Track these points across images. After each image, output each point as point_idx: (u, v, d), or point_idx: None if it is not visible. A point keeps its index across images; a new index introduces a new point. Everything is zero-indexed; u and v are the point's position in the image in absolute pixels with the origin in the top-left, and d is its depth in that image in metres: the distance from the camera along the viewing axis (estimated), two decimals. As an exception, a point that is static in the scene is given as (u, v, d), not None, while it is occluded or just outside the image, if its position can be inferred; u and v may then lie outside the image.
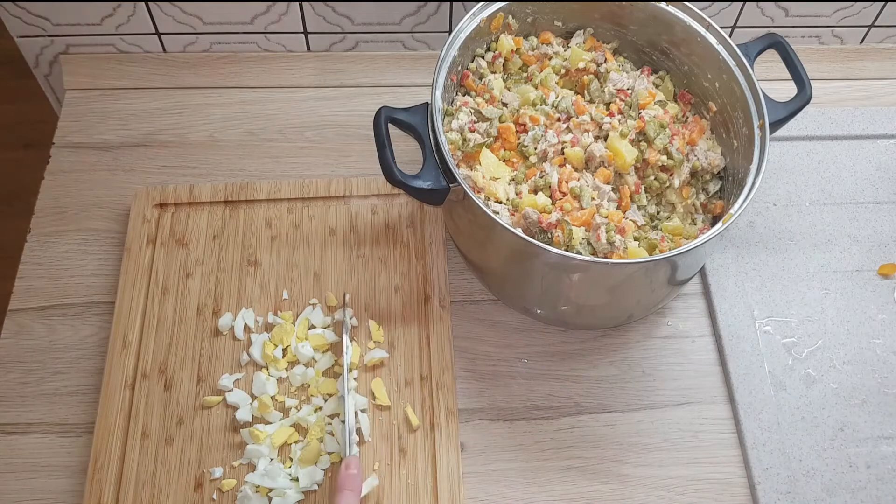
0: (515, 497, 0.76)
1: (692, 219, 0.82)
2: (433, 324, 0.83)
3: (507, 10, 0.85)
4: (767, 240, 0.92)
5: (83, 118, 0.97)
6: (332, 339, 0.81)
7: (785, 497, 0.76)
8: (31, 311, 0.84)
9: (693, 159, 0.82)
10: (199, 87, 1.01)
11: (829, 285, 0.89)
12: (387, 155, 0.74)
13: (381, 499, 0.75)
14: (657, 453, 0.79)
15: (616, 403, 0.82)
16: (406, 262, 0.87)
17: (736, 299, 0.87)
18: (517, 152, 0.82)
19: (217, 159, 0.95)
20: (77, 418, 0.79)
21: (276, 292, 0.85)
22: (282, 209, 0.90)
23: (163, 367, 0.80)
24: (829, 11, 1.03)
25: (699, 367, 0.84)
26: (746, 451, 0.79)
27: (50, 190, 0.92)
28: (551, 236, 0.75)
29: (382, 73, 1.03)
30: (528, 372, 0.83)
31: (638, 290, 0.79)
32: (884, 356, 0.85)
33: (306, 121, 0.99)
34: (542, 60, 0.88)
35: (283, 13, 0.98)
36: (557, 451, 0.79)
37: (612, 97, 0.84)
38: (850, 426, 0.81)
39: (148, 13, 0.97)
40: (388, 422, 0.78)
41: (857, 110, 1.01)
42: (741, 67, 0.80)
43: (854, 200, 0.95)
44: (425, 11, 0.99)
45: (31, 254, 0.88)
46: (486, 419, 0.80)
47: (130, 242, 0.86)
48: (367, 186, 0.91)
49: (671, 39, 0.86)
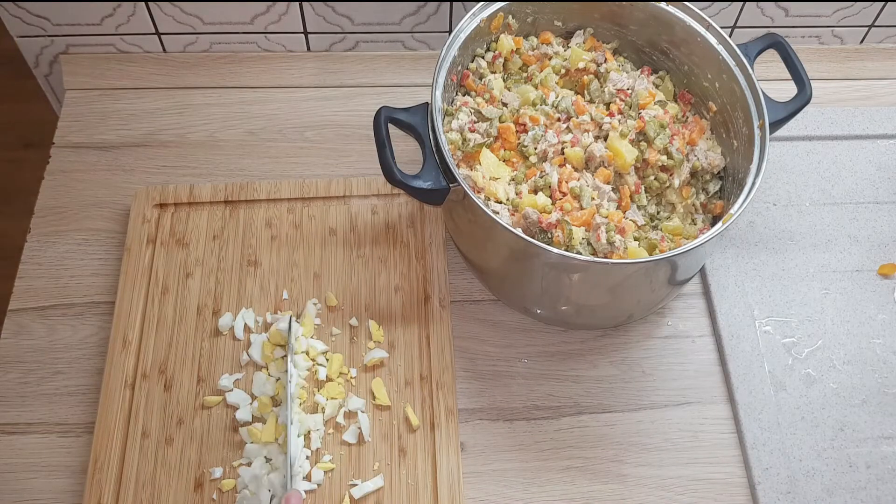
0: (515, 497, 0.76)
1: (692, 219, 0.82)
2: (433, 324, 0.83)
3: (507, 10, 0.85)
4: (767, 240, 0.92)
5: (83, 118, 0.97)
6: (321, 349, 0.81)
7: (785, 497, 0.76)
8: (31, 311, 0.84)
9: (693, 159, 0.82)
10: (199, 87, 1.01)
11: (829, 285, 0.89)
12: (387, 155, 0.74)
13: (381, 499, 0.75)
14: (657, 453, 0.79)
15: (616, 403, 0.82)
16: (406, 262, 0.87)
17: (736, 299, 0.87)
18: (517, 152, 0.82)
19: (217, 159, 0.95)
20: (77, 418, 0.79)
21: (276, 292, 0.85)
22: (282, 209, 0.90)
23: (163, 367, 0.80)
24: (829, 11, 1.03)
25: (699, 367, 0.84)
26: (746, 451, 0.79)
27: (50, 190, 0.92)
28: (551, 236, 0.75)
29: (382, 73, 1.03)
30: (528, 372, 0.83)
31: (638, 290, 0.79)
32: (884, 356, 0.85)
33: (306, 121, 0.99)
34: (542, 60, 0.88)
35: (283, 13, 0.98)
36: (557, 451, 0.79)
37: (612, 97, 0.84)
38: (850, 426, 0.81)
39: (148, 13, 0.97)
40: (388, 422, 0.78)
41: (857, 110, 1.01)
42: (741, 67, 0.80)
43: (854, 200, 0.95)
44: (425, 11, 0.99)
45: (31, 254, 0.88)
46: (486, 419, 0.80)
47: (130, 242, 0.86)
48: (367, 186, 0.91)
49: (671, 39, 0.86)
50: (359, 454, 0.77)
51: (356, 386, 0.80)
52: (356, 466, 0.76)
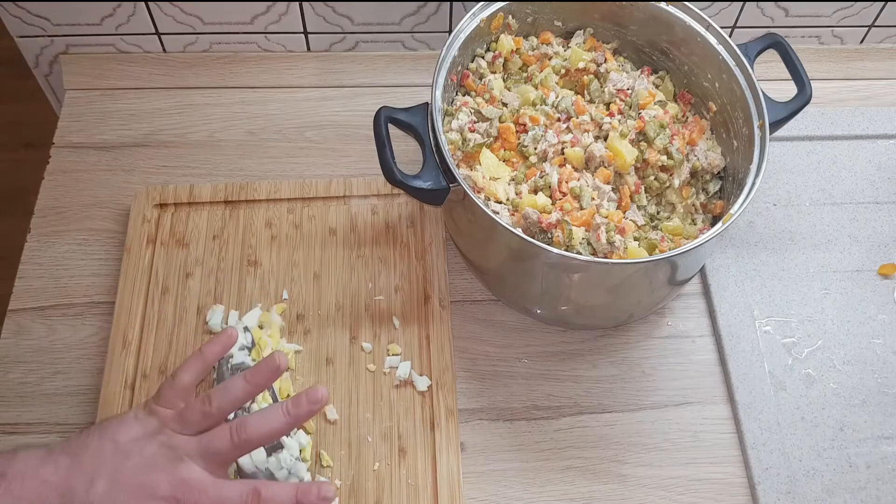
0: (515, 497, 0.76)
1: (692, 219, 0.82)
2: (433, 324, 0.83)
3: (507, 10, 0.85)
4: (767, 240, 0.92)
5: (83, 118, 0.97)
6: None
7: (785, 497, 0.76)
8: (31, 311, 0.84)
9: (693, 159, 0.82)
10: (199, 87, 1.01)
11: (829, 285, 0.89)
12: (387, 155, 0.74)
13: (381, 499, 0.75)
14: (657, 453, 0.79)
15: (616, 403, 0.82)
16: (406, 262, 0.87)
17: (736, 299, 0.87)
18: (517, 152, 0.82)
19: (217, 159, 0.95)
20: (77, 418, 0.79)
21: (276, 292, 0.85)
22: (282, 209, 0.90)
23: (163, 367, 0.80)
24: (829, 11, 1.03)
25: (699, 367, 0.84)
26: (746, 451, 0.79)
27: (50, 190, 0.92)
28: (551, 236, 0.75)
29: (382, 73, 1.03)
30: (528, 372, 0.83)
31: (638, 290, 0.79)
32: (884, 356, 0.85)
33: (306, 121, 0.99)
34: (542, 60, 0.88)
35: (283, 13, 0.98)
36: (557, 451, 0.79)
37: (612, 97, 0.84)
38: (850, 426, 0.81)
39: (148, 13, 0.97)
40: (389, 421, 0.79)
41: (857, 110, 1.01)
42: (741, 67, 0.80)
43: (854, 200, 0.95)
44: (425, 11, 0.99)
45: (31, 254, 0.88)
46: (486, 419, 0.80)
47: (130, 242, 0.86)
48: (367, 186, 0.91)
49: (671, 39, 0.86)
50: (359, 454, 0.77)
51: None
52: (356, 466, 0.76)
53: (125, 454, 0.60)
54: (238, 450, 0.62)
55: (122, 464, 0.60)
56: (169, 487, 0.59)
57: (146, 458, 0.60)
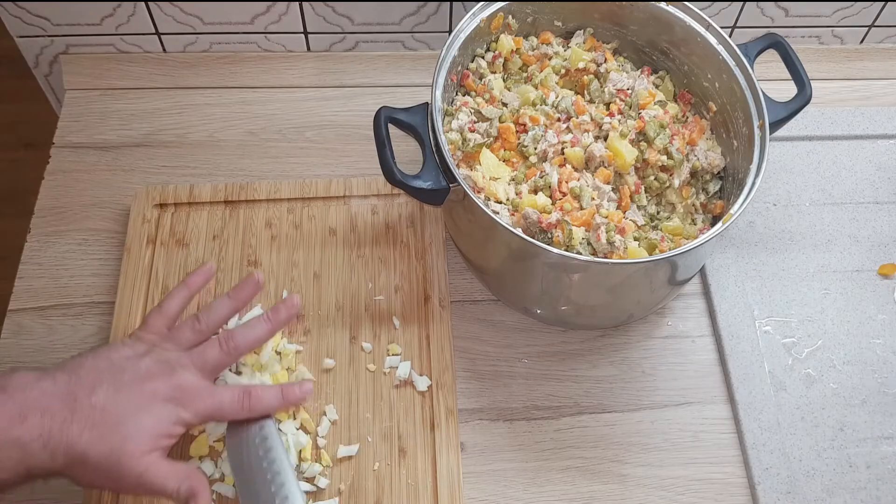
0: (515, 497, 0.76)
1: (692, 219, 0.82)
2: (433, 324, 0.83)
3: (507, 10, 0.85)
4: (767, 240, 0.92)
5: (83, 118, 0.97)
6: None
7: (785, 497, 0.76)
8: (31, 311, 0.84)
9: (693, 159, 0.82)
10: (199, 87, 1.01)
11: (829, 285, 0.89)
12: (387, 155, 0.74)
13: (381, 499, 0.75)
14: (657, 453, 0.79)
15: (616, 403, 0.82)
16: (406, 262, 0.87)
17: (736, 299, 0.87)
18: (517, 152, 0.82)
19: (217, 159, 0.95)
20: (77, 418, 0.79)
21: (276, 292, 0.85)
22: (282, 209, 0.90)
23: (163, 367, 0.80)
24: (829, 11, 1.03)
25: (699, 367, 0.84)
26: (746, 451, 0.79)
27: (50, 190, 0.92)
28: (551, 236, 0.75)
29: (382, 73, 1.03)
30: (528, 372, 0.83)
31: (638, 290, 0.79)
32: (884, 356, 0.85)
33: (306, 121, 0.99)
34: (542, 60, 0.88)
35: (283, 13, 0.98)
36: (557, 451, 0.79)
37: (612, 97, 0.84)
38: (850, 426, 0.81)
39: (148, 13, 0.97)
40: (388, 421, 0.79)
41: (857, 110, 1.01)
42: (741, 67, 0.80)
43: (854, 200, 0.95)
44: (425, 11, 0.99)
45: (31, 254, 0.88)
46: (486, 419, 0.80)
47: (130, 242, 0.86)
48: (367, 186, 0.91)
49: (671, 39, 0.86)
50: (359, 454, 0.77)
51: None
52: (356, 466, 0.76)
53: (121, 368, 0.65)
54: (229, 356, 0.69)
55: (119, 375, 0.64)
56: (168, 390, 0.65)
57: (142, 370, 0.65)
